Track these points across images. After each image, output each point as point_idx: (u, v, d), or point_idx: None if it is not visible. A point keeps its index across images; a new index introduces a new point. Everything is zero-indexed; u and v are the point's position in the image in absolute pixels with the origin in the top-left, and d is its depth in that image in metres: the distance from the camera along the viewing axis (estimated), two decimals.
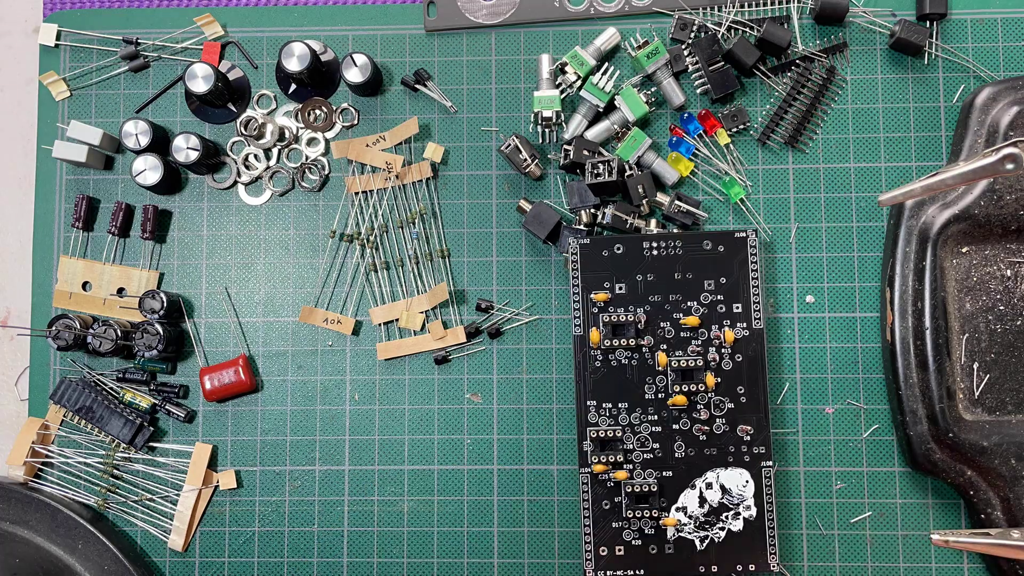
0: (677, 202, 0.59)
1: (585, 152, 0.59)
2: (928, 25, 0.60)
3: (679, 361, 0.52)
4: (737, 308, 0.53)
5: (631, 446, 0.52)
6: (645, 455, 0.52)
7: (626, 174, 0.59)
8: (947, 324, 0.56)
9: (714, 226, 0.60)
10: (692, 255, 0.54)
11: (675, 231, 0.51)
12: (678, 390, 0.51)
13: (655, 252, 0.54)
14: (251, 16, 0.63)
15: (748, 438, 0.52)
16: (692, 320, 0.52)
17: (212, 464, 0.60)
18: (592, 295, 0.53)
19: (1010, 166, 0.47)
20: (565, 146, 0.59)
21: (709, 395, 0.52)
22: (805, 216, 0.60)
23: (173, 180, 0.61)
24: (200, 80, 0.59)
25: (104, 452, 0.60)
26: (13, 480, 0.60)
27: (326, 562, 0.59)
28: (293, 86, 0.62)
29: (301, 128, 0.62)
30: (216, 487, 0.60)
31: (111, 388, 0.60)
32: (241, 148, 0.62)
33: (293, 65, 0.59)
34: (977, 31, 0.61)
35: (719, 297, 0.53)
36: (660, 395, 0.52)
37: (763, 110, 0.61)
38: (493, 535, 0.59)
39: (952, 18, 0.61)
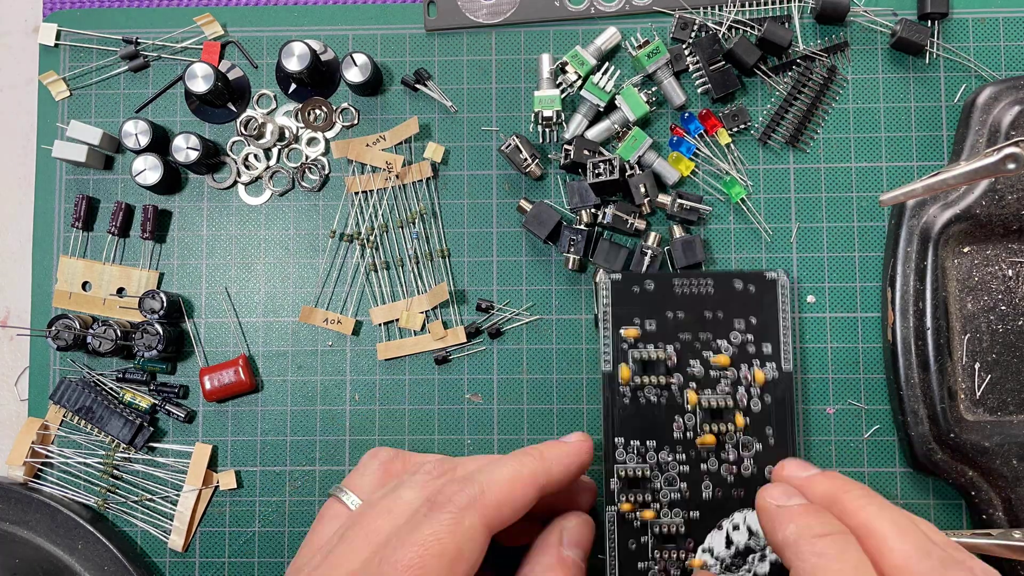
0: (680, 200, 0.59)
1: (585, 152, 0.59)
2: (929, 24, 0.60)
3: (709, 400, 0.51)
4: (767, 349, 0.52)
5: (659, 485, 0.50)
6: (672, 494, 0.50)
7: (627, 174, 0.59)
8: (948, 324, 0.56)
9: (719, 223, 0.60)
10: (722, 294, 0.52)
11: (705, 270, 0.50)
12: (708, 429, 0.50)
13: (685, 291, 0.52)
14: (251, 16, 0.63)
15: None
16: (723, 359, 0.51)
17: (212, 464, 0.60)
18: (622, 330, 0.51)
19: (1011, 166, 0.47)
20: (565, 146, 0.59)
21: (738, 435, 0.51)
22: (806, 216, 0.60)
23: (173, 180, 0.61)
24: (200, 80, 0.59)
25: (104, 452, 0.60)
26: (13, 480, 0.60)
27: None
28: (293, 86, 0.62)
29: (301, 128, 0.62)
30: (216, 487, 0.60)
31: (111, 388, 0.60)
32: (241, 148, 0.62)
33: (293, 65, 0.59)
34: (979, 30, 0.61)
35: (749, 337, 0.52)
36: (689, 434, 0.51)
37: (764, 110, 0.61)
38: None
39: (953, 17, 0.61)
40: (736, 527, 0.48)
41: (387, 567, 0.37)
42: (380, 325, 0.60)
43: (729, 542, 0.48)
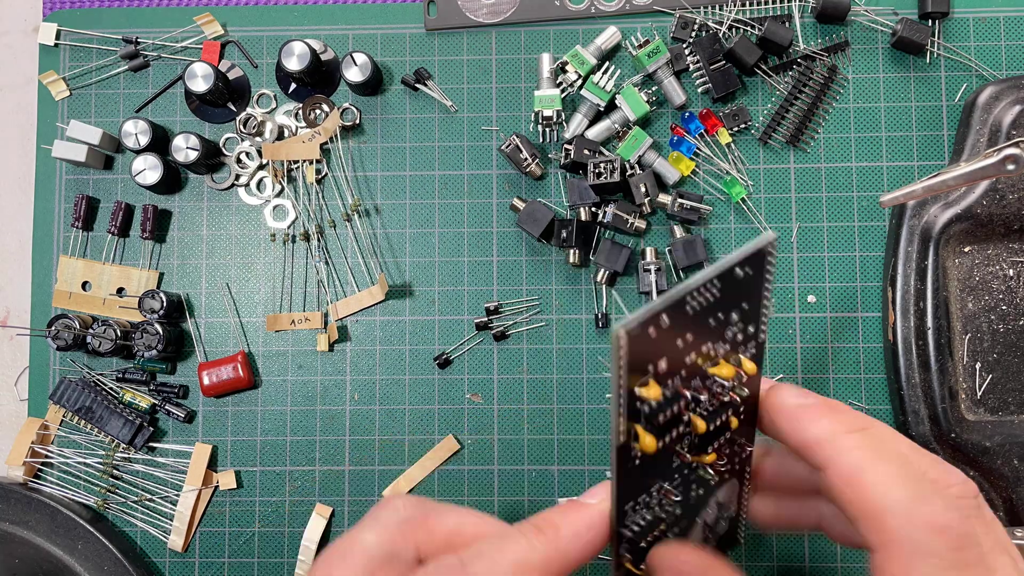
0: (680, 200, 0.58)
1: (586, 151, 0.58)
2: (930, 24, 0.60)
3: (711, 422, 0.40)
4: (751, 329, 0.40)
5: (663, 528, 0.41)
6: (671, 532, 0.42)
7: (628, 173, 0.59)
8: (949, 324, 0.56)
9: (719, 223, 0.60)
10: (727, 291, 0.39)
11: (711, 272, 0.35)
12: (702, 445, 0.41)
13: (696, 306, 0.38)
14: (251, 15, 0.63)
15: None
16: (728, 370, 0.39)
17: (212, 464, 0.60)
18: (638, 390, 0.37)
19: (1011, 167, 0.47)
20: (566, 145, 0.59)
21: (732, 438, 0.41)
22: (807, 216, 0.60)
23: (173, 180, 0.61)
24: (200, 79, 0.59)
25: (104, 452, 0.60)
26: (13, 480, 0.59)
27: None
28: (293, 85, 0.62)
29: (301, 127, 0.62)
30: (216, 487, 0.60)
31: (111, 388, 0.60)
32: (234, 145, 0.62)
33: (293, 64, 0.59)
34: (979, 30, 0.61)
35: (740, 326, 0.40)
36: (687, 454, 0.40)
37: (764, 109, 0.61)
38: None
39: (954, 17, 0.61)
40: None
41: None
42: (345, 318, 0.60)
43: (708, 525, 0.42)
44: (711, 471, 0.41)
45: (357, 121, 0.62)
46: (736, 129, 0.60)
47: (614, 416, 0.36)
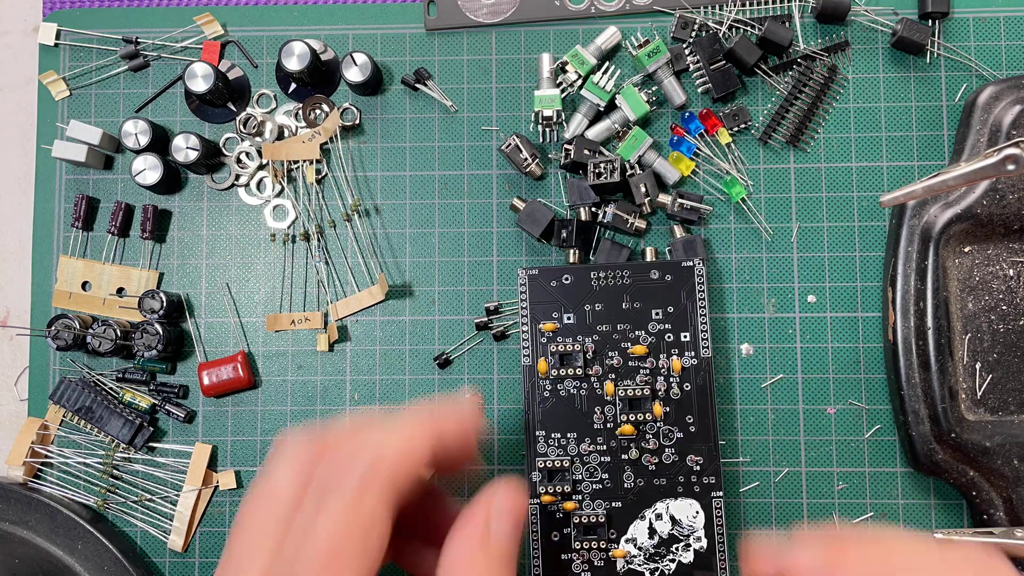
0: (680, 200, 0.59)
1: (586, 151, 0.58)
2: (930, 24, 0.60)
3: (627, 390, 0.52)
4: (685, 337, 0.53)
5: (580, 476, 0.52)
6: (594, 485, 0.52)
7: (628, 174, 0.59)
8: (949, 324, 0.56)
9: (719, 223, 0.60)
10: (639, 285, 0.54)
11: (622, 262, 0.52)
12: (626, 419, 0.51)
13: (603, 283, 0.54)
14: (251, 15, 0.63)
15: (698, 468, 0.52)
16: (639, 349, 0.53)
17: (212, 464, 0.60)
18: (540, 325, 0.54)
19: (1011, 167, 0.47)
20: (566, 145, 0.59)
21: (658, 424, 0.52)
22: (806, 215, 0.60)
23: (173, 180, 0.61)
24: (200, 79, 0.59)
25: (104, 452, 0.60)
26: (12, 480, 0.59)
27: None
28: (293, 85, 0.62)
29: (301, 127, 0.62)
30: (216, 487, 0.60)
31: (111, 388, 0.60)
32: (234, 145, 0.62)
33: (293, 64, 0.59)
34: (980, 30, 0.61)
35: (667, 326, 0.53)
36: (609, 425, 0.52)
37: (764, 109, 0.61)
38: None
39: (954, 17, 0.61)
40: (659, 516, 0.49)
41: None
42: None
43: (653, 532, 0.49)
44: (635, 450, 0.51)
45: (357, 121, 0.62)
46: (736, 129, 0.60)
47: (521, 343, 0.53)
